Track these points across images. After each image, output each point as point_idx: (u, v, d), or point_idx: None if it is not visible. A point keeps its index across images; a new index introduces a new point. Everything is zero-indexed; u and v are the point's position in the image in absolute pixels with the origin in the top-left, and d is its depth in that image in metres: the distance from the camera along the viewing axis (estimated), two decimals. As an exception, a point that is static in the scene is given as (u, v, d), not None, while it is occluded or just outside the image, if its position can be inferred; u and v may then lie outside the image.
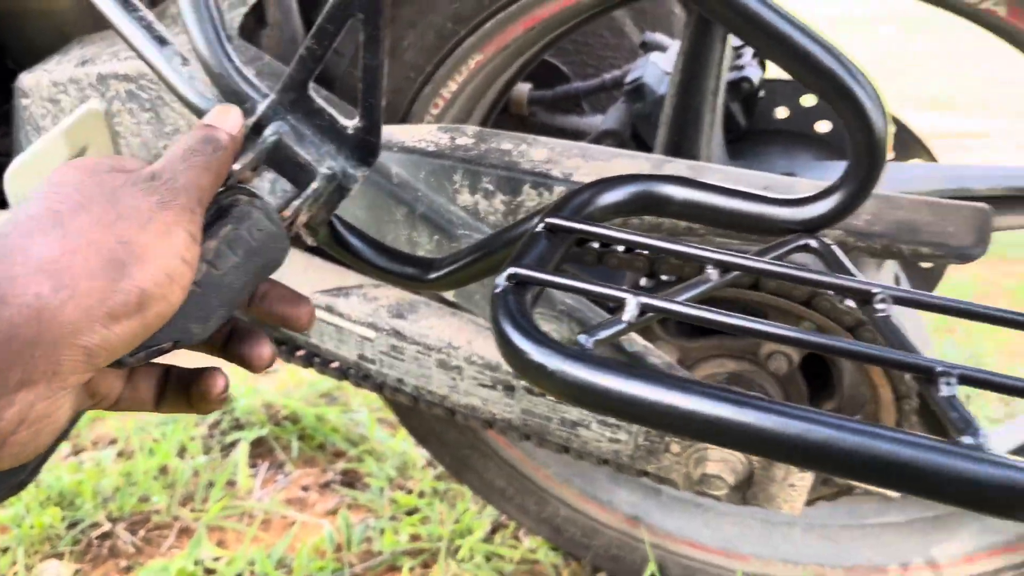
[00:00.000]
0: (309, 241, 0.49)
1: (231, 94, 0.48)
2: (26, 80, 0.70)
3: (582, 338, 0.37)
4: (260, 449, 1.26)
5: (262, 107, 0.47)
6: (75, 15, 0.76)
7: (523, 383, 0.65)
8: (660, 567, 0.93)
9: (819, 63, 0.41)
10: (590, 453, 0.68)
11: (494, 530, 1.07)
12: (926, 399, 0.37)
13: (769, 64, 0.82)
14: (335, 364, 0.75)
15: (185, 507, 1.12)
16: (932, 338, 1.53)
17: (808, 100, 0.79)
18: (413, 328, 0.68)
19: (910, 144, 0.77)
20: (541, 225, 0.43)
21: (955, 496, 0.32)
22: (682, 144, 0.67)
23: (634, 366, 0.47)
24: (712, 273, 0.41)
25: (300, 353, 0.76)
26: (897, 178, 0.68)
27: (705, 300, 0.40)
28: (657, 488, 0.95)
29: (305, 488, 1.18)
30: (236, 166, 0.45)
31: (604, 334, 0.37)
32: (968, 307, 0.40)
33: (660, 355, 0.63)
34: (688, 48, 0.65)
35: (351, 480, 1.20)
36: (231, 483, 1.17)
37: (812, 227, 0.44)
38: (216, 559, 1.03)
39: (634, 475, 0.69)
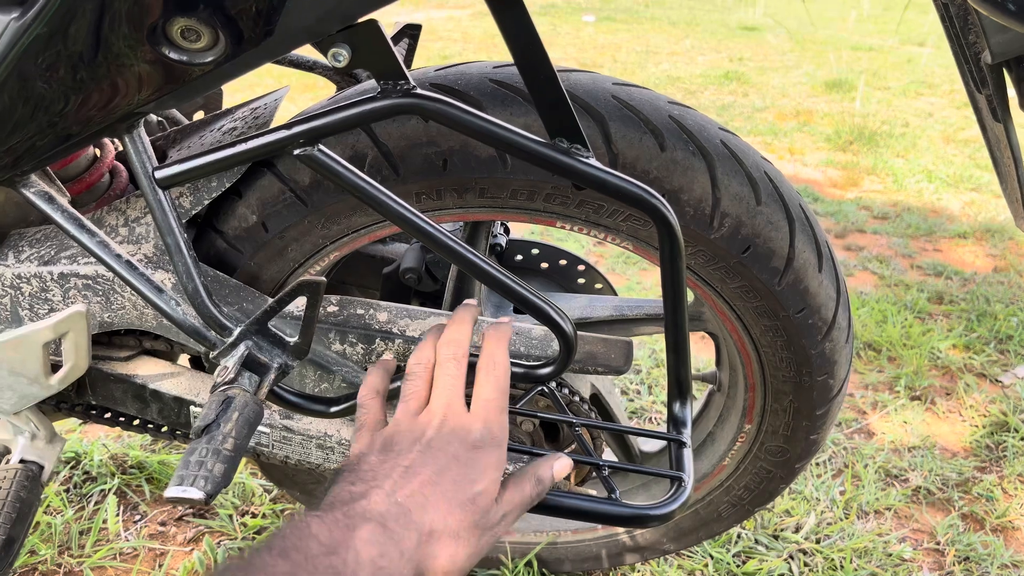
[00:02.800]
0: (266, 403, 0.84)
1: (214, 324, 0.81)
2: (-11, 272, 0.94)
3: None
4: (114, 495, 1.51)
5: (236, 333, 0.80)
6: (3, 210, 1.00)
7: (376, 453, 1.03)
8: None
9: (538, 306, 0.81)
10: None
11: (328, 535, 1.43)
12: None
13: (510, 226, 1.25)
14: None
15: (64, 555, 1.36)
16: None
17: (535, 250, 1.23)
18: (298, 425, 1.03)
19: (596, 278, 1.24)
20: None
21: (610, 520, 0.76)
22: (463, 294, 1.08)
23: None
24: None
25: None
26: (585, 306, 1.14)
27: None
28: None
29: (163, 524, 1.46)
30: (228, 366, 0.79)
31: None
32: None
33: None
34: (466, 236, 1.06)
35: (201, 512, 1.49)
36: (101, 528, 1.42)
37: (542, 382, 0.86)
38: (108, 593, 1.30)
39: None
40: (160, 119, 1.14)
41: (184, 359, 1.16)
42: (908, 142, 4.42)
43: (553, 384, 0.90)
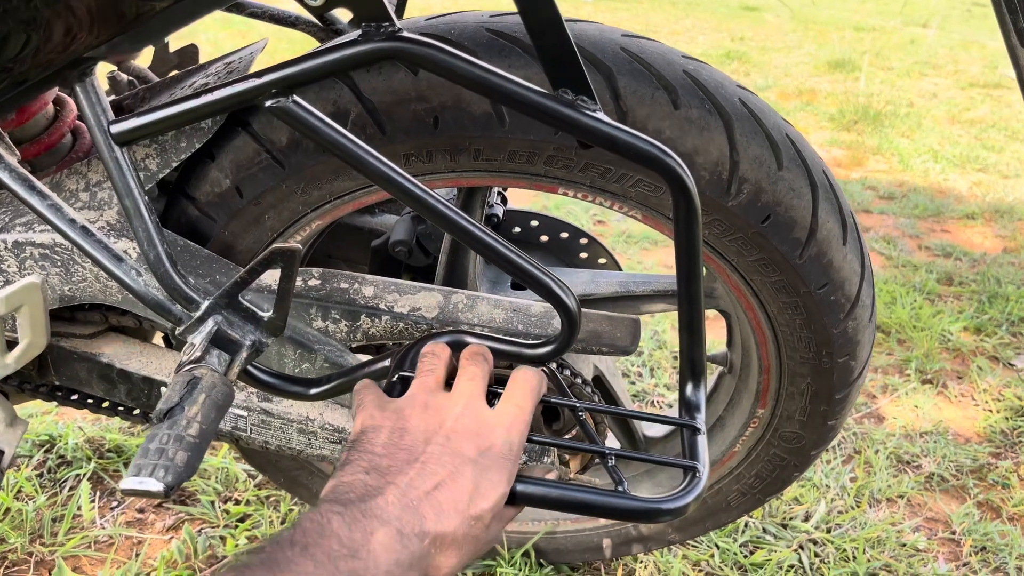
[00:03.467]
0: (238, 383, 0.76)
1: (180, 297, 0.73)
2: (-61, 241, 0.86)
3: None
4: (90, 480, 1.43)
5: (204, 306, 0.72)
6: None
7: (362, 439, 0.95)
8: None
9: (538, 278, 0.73)
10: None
11: (315, 524, 1.36)
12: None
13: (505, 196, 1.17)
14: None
15: (35, 543, 1.29)
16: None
17: (534, 222, 1.15)
18: (278, 408, 0.95)
19: (600, 253, 1.16)
20: (396, 377, 0.74)
21: (618, 515, 0.69)
22: (457, 267, 1.00)
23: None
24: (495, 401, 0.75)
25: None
26: (589, 282, 1.06)
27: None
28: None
29: (141, 510, 1.39)
30: (195, 343, 0.71)
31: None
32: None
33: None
34: (460, 204, 0.98)
35: (183, 498, 1.42)
36: (76, 515, 1.34)
37: (543, 361, 0.79)
38: (80, 584, 1.23)
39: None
40: (130, 78, 1.06)
41: (158, 337, 1.09)
42: (913, 122, 4.34)
43: (554, 365, 0.82)
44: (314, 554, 0.54)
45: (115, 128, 0.68)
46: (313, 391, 0.82)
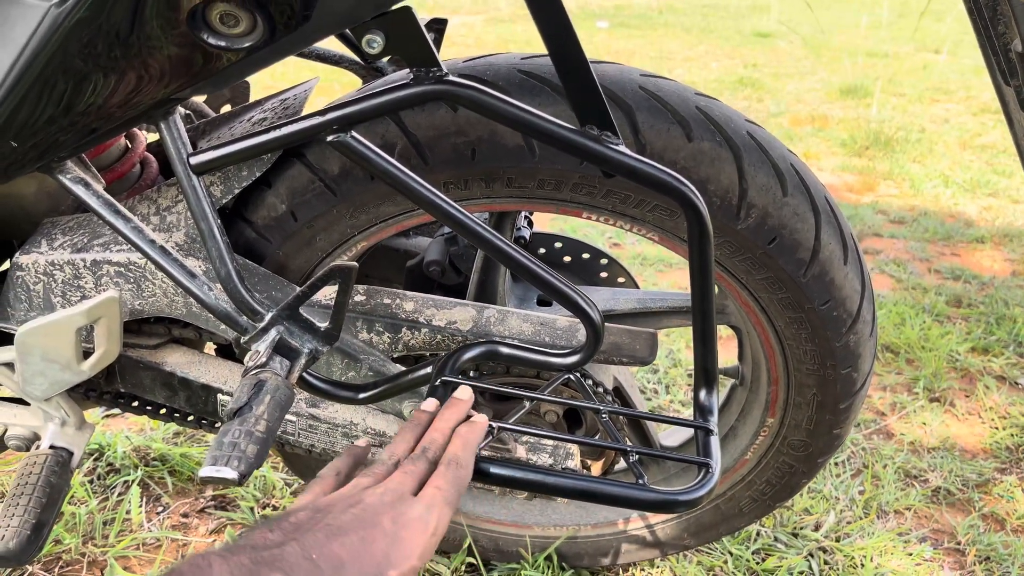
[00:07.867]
0: (296, 389, 0.85)
1: (246, 309, 0.82)
2: (23, 259, 0.95)
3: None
4: (138, 487, 1.52)
5: (268, 318, 0.81)
6: (37, 199, 1.02)
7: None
8: (473, 540, 1.36)
9: (566, 294, 0.82)
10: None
11: (348, 529, 1.44)
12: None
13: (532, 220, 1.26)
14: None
15: (88, 544, 1.37)
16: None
17: (558, 244, 1.23)
18: (324, 413, 1.04)
19: (618, 272, 1.25)
20: (439, 381, 0.83)
21: (639, 505, 0.76)
22: (487, 285, 1.09)
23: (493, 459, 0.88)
24: (526, 404, 0.83)
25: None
26: (609, 299, 1.15)
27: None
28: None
29: (185, 515, 1.47)
30: (260, 350, 0.80)
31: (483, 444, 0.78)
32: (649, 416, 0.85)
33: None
34: (492, 226, 1.07)
35: (223, 504, 1.50)
36: (125, 519, 1.43)
37: (570, 369, 0.87)
38: (131, 582, 1.31)
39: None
40: (187, 112, 1.15)
41: (210, 348, 1.18)
42: (924, 147, 4.40)
43: (578, 374, 0.90)
44: None
45: (194, 159, 0.77)
46: (361, 396, 0.90)
